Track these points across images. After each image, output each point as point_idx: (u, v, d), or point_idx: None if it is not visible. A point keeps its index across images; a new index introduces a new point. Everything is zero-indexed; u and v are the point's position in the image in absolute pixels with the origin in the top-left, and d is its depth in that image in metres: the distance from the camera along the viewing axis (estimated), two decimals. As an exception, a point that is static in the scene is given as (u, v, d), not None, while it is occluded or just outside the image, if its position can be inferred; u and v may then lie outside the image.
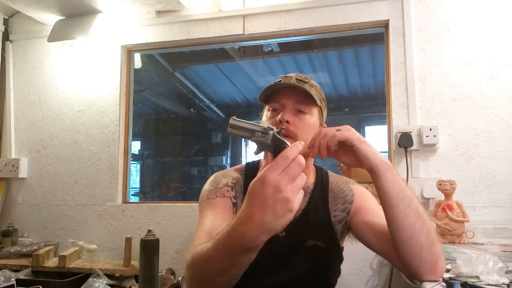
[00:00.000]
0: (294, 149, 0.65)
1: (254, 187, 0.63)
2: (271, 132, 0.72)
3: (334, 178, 1.13)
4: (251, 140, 0.73)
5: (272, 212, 0.62)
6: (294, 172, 0.63)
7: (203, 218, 0.99)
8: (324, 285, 1.06)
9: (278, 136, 0.72)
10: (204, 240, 0.83)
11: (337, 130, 0.87)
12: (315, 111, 1.05)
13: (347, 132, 0.87)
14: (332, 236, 1.04)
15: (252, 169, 1.14)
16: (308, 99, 1.02)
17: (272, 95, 1.06)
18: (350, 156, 0.89)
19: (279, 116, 0.99)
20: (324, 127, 1.11)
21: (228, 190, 1.06)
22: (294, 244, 1.01)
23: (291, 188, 0.62)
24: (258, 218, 0.63)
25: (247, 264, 0.73)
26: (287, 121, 0.98)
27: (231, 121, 0.73)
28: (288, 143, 0.71)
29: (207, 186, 1.09)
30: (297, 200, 0.63)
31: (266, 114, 1.08)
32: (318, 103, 1.04)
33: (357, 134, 0.87)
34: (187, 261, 0.82)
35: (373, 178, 0.86)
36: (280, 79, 1.05)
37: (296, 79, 1.03)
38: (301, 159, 0.64)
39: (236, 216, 0.68)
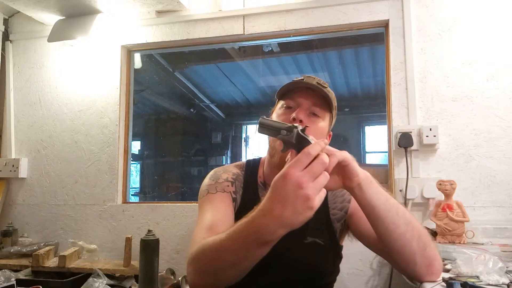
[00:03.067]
0: (316, 146, 0.65)
1: (276, 182, 0.65)
2: (295, 130, 0.72)
3: None
4: (277, 138, 0.74)
5: (292, 208, 0.63)
6: (316, 170, 0.64)
7: (203, 212, 0.99)
8: (322, 283, 1.06)
9: (302, 134, 0.72)
10: (205, 235, 0.83)
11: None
12: (327, 117, 1.05)
13: (342, 152, 0.77)
14: (331, 234, 1.05)
15: (252, 166, 1.14)
16: (324, 103, 1.02)
17: (289, 92, 1.05)
18: (334, 179, 0.78)
19: (294, 114, 0.98)
20: (330, 135, 1.11)
21: (228, 185, 1.06)
22: (293, 240, 1.00)
23: (313, 185, 0.63)
24: (278, 212, 0.64)
25: (260, 258, 0.74)
26: (301, 121, 0.98)
27: (260, 120, 0.75)
28: (312, 140, 0.70)
29: (207, 180, 1.09)
30: (318, 198, 0.64)
31: (278, 110, 1.07)
32: (332, 110, 1.05)
33: (346, 152, 0.78)
34: (192, 254, 0.81)
35: (358, 194, 0.80)
36: (303, 78, 1.04)
37: (317, 82, 1.02)
38: (325, 157, 0.65)
39: (256, 208, 0.69)
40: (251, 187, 1.09)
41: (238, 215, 1.03)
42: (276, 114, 1.06)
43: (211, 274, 0.79)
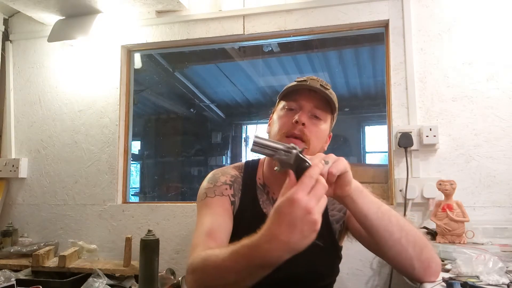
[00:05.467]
0: (316, 169, 0.67)
1: (282, 208, 0.64)
2: (294, 151, 0.73)
3: None
4: (274, 158, 0.74)
5: (300, 233, 0.63)
6: (319, 193, 0.64)
7: (202, 217, 0.99)
8: (322, 284, 1.06)
9: (300, 155, 0.72)
10: (205, 241, 0.83)
11: (324, 160, 0.74)
12: (328, 119, 1.05)
13: (342, 162, 0.77)
14: (330, 235, 1.05)
15: (251, 167, 1.14)
16: (326, 105, 1.02)
17: (292, 93, 1.04)
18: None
19: (297, 116, 0.98)
20: (330, 136, 1.11)
21: (226, 188, 1.06)
22: None
23: (318, 209, 0.64)
24: (285, 238, 0.63)
25: (262, 276, 0.73)
26: (303, 124, 0.97)
27: (255, 139, 0.75)
28: (310, 162, 0.71)
29: (205, 183, 1.08)
30: (320, 220, 0.64)
31: (279, 111, 1.06)
32: (334, 112, 1.05)
33: (345, 161, 0.78)
34: (193, 264, 0.80)
35: (349, 203, 0.82)
36: (306, 79, 1.03)
37: (320, 84, 1.02)
38: (323, 180, 0.66)
39: (260, 232, 0.67)
40: (249, 189, 1.09)
41: (236, 218, 1.03)
42: (278, 115, 1.05)
43: None
